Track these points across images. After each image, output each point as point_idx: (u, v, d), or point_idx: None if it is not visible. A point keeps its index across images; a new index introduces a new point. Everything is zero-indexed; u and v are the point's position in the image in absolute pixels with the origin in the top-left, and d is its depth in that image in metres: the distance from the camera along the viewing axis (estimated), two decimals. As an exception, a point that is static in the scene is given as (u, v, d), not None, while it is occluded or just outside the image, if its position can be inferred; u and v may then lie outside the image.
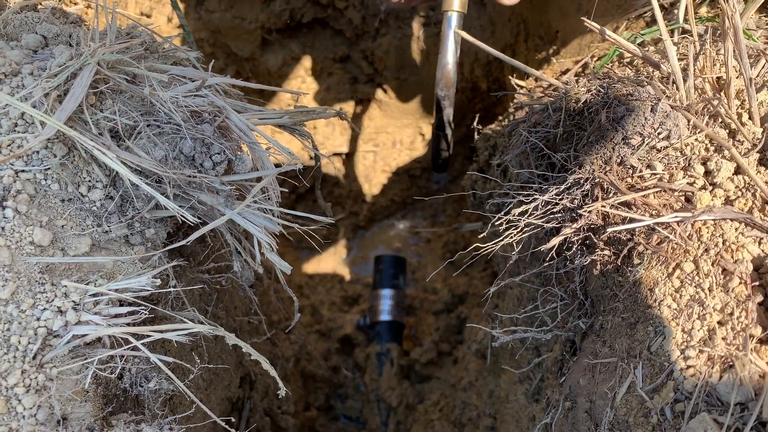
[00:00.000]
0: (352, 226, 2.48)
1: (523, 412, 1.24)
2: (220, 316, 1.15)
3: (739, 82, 0.87)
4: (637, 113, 0.88)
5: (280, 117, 0.93)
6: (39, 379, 0.68)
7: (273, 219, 0.84)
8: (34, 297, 0.70)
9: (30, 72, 0.79)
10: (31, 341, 0.69)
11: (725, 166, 0.82)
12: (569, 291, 0.98)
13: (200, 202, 0.80)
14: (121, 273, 0.76)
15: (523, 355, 1.24)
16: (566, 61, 1.27)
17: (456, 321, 2.07)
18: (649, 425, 0.71)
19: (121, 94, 0.80)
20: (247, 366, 1.36)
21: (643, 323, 0.78)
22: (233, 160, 0.82)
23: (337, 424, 2.01)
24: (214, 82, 0.87)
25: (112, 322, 0.72)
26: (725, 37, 0.85)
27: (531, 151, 1.05)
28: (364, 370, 2.05)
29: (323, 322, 2.18)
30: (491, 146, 1.41)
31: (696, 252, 0.77)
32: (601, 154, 0.89)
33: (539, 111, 1.06)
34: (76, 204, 0.77)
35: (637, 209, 0.83)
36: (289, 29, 2.07)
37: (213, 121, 0.81)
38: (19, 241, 0.72)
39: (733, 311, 0.72)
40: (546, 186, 0.94)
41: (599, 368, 0.84)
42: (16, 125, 0.76)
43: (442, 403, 1.85)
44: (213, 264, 1.01)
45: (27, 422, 0.66)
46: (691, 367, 0.70)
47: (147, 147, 0.77)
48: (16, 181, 0.74)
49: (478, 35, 1.91)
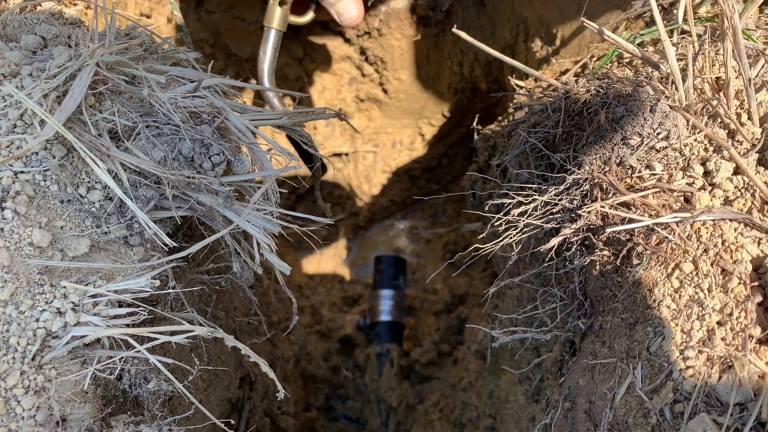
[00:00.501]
0: (352, 227, 2.48)
1: (523, 413, 1.24)
2: (220, 317, 1.15)
3: (738, 82, 0.87)
4: (636, 113, 0.88)
5: (279, 118, 0.93)
6: (38, 380, 0.68)
7: (272, 220, 0.84)
8: (33, 298, 0.70)
9: (29, 73, 0.79)
10: (30, 342, 0.69)
11: (724, 167, 0.82)
12: (569, 291, 0.98)
13: (199, 202, 0.80)
14: (121, 274, 0.77)
15: (523, 356, 1.24)
16: (565, 61, 1.27)
17: (456, 321, 2.07)
18: (648, 426, 0.71)
19: (120, 95, 0.80)
20: (247, 366, 1.36)
21: (643, 324, 0.78)
22: (232, 160, 0.82)
23: (337, 424, 2.01)
24: (213, 83, 0.87)
25: (111, 323, 0.72)
26: (724, 37, 0.85)
27: (530, 151, 1.05)
28: (365, 370, 2.05)
29: (323, 322, 2.18)
30: (491, 146, 1.41)
31: (695, 252, 0.77)
32: (601, 155, 0.89)
33: (538, 111, 1.06)
34: (75, 205, 0.77)
35: (637, 210, 0.83)
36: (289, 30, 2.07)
37: (212, 122, 0.81)
38: (18, 242, 0.72)
39: (732, 312, 0.72)
40: (545, 186, 0.94)
41: (598, 369, 0.84)
42: (15, 126, 0.76)
43: (442, 404, 1.85)
44: (212, 265, 1.01)
45: (26, 423, 0.66)
46: (690, 367, 0.70)
47: (146, 148, 0.77)
48: (15, 182, 0.74)
49: (478, 35, 1.91)
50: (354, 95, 2.24)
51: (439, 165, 2.43)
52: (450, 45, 2.04)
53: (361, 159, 2.38)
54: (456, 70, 2.07)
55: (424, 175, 2.44)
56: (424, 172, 2.44)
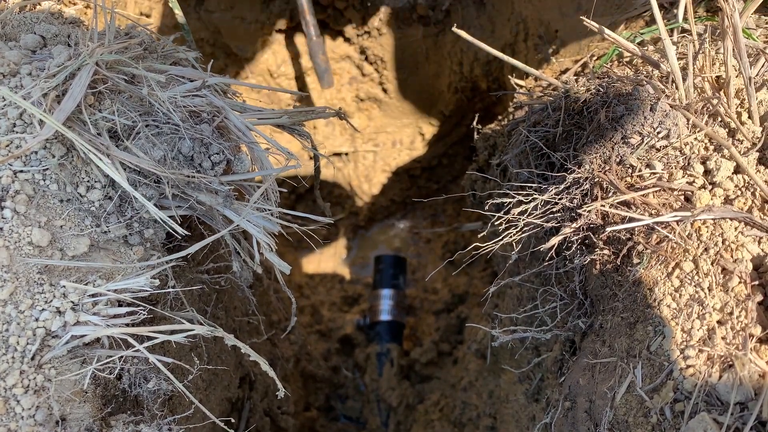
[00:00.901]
0: (352, 226, 2.48)
1: (523, 412, 1.24)
2: (220, 317, 1.14)
3: (739, 81, 0.87)
4: (637, 112, 0.88)
5: (278, 117, 0.93)
6: (38, 379, 0.68)
7: (272, 219, 0.84)
8: (32, 297, 0.70)
9: (29, 72, 0.79)
10: (29, 342, 0.69)
11: (725, 165, 0.82)
12: (569, 291, 0.97)
13: (199, 202, 0.80)
14: (120, 273, 0.76)
15: (523, 355, 1.23)
16: (566, 60, 1.27)
17: (456, 321, 2.07)
18: (648, 425, 0.71)
19: (119, 95, 0.80)
20: (247, 366, 1.36)
21: (643, 323, 0.78)
22: (232, 160, 0.81)
23: (337, 424, 2.01)
24: (213, 82, 0.87)
25: (111, 322, 0.72)
26: (724, 36, 0.85)
27: (530, 150, 1.05)
28: (364, 370, 2.05)
29: (323, 322, 2.18)
30: (491, 146, 1.41)
31: (695, 251, 0.77)
32: (601, 154, 0.89)
33: (539, 110, 1.06)
34: (74, 204, 0.77)
35: (637, 209, 0.83)
36: (289, 29, 2.07)
37: (212, 121, 0.81)
38: (17, 241, 0.72)
39: (732, 310, 0.72)
40: (545, 185, 0.94)
41: (599, 368, 0.84)
42: (14, 125, 0.76)
43: (442, 403, 1.85)
44: (212, 264, 1.01)
45: (26, 423, 0.66)
46: (690, 366, 0.70)
47: (146, 147, 0.77)
48: (15, 181, 0.74)
49: (478, 35, 1.91)
50: (354, 94, 2.24)
51: (439, 164, 2.43)
52: (450, 44, 2.04)
53: (361, 158, 2.38)
54: (456, 69, 2.07)
55: (424, 174, 2.44)
56: (424, 172, 2.44)
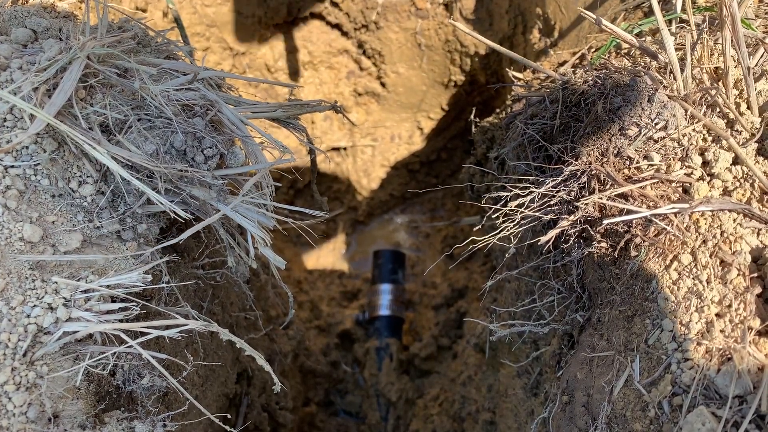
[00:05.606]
0: (351, 221, 2.48)
1: (522, 406, 1.23)
2: (216, 312, 1.14)
3: (738, 71, 0.86)
4: (634, 104, 0.87)
5: (273, 110, 0.92)
6: (29, 376, 0.67)
7: (267, 214, 0.83)
8: (24, 293, 0.70)
9: (19, 66, 0.78)
10: (21, 338, 0.68)
11: (723, 157, 0.81)
12: (566, 284, 0.97)
13: (192, 196, 0.79)
14: (113, 269, 0.76)
15: (521, 349, 1.23)
16: (564, 52, 1.26)
17: (455, 315, 2.07)
18: (646, 419, 0.70)
19: (111, 88, 0.79)
20: (245, 362, 1.36)
21: (641, 316, 0.77)
22: (225, 154, 0.81)
23: (336, 419, 2.01)
24: (206, 75, 0.86)
25: (104, 318, 0.71)
26: (723, 26, 0.84)
27: (528, 143, 1.04)
28: (364, 365, 2.04)
29: (322, 317, 2.18)
30: (488, 139, 1.40)
31: (694, 243, 0.77)
32: (598, 146, 0.89)
33: (536, 103, 1.05)
34: (66, 199, 0.76)
35: (634, 201, 0.82)
36: (286, 23, 2.06)
37: (205, 115, 0.80)
38: (8, 237, 0.71)
39: (731, 303, 0.71)
40: (543, 178, 0.93)
41: (596, 362, 0.83)
42: (5, 120, 0.75)
43: (441, 398, 1.84)
44: (207, 259, 1.00)
45: (17, 420, 0.66)
46: (688, 360, 0.70)
47: (138, 141, 0.76)
48: (6, 176, 0.73)
49: (476, 27, 1.90)
50: (352, 89, 2.23)
51: (437, 159, 2.42)
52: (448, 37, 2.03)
53: (359, 153, 2.37)
54: (454, 62, 2.06)
55: (422, 169, 2.43)
56: (422, 166, 2.43)
